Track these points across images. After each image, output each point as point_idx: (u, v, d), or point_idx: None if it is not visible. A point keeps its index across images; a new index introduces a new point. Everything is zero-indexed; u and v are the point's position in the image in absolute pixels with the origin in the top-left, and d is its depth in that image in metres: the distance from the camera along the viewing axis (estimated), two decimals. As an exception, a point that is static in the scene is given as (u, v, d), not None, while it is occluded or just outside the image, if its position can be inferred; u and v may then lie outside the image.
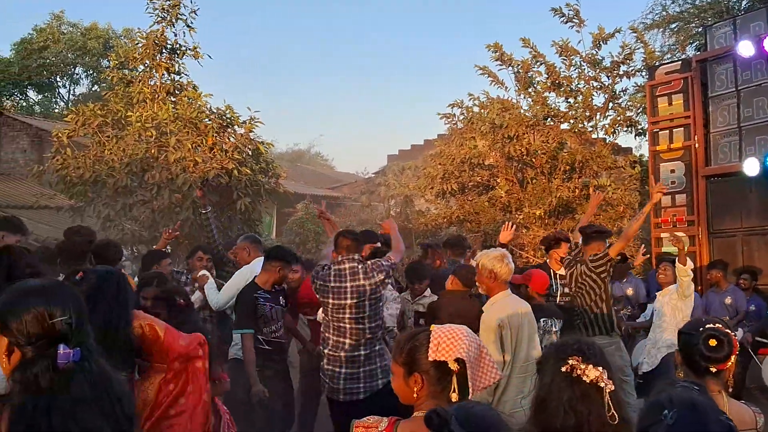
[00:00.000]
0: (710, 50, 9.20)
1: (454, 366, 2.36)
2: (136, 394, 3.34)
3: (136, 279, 5.29)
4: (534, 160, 12.42)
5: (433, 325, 2.50)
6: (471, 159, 12.94)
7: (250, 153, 10.34)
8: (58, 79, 25.13)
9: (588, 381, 2.35)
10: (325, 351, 4.96)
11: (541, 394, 2.42)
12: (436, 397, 2.37)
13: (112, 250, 5.56)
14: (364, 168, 42.65)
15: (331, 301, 4.88)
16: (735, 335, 2.95)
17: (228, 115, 10.19)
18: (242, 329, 5.23)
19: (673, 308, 6.32)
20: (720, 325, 2.90)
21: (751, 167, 8.23)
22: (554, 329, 5.39)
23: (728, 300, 7.61)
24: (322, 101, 78.39)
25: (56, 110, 24.38)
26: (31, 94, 25.34)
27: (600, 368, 2.38)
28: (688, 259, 6.26)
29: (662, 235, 9.26)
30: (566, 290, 6.27)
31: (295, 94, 78.89)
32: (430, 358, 2.36)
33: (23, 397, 1.86)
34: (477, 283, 4.90)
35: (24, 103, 24.94)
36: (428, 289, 6.17)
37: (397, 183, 17.04)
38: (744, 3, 13.95)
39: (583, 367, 2.37)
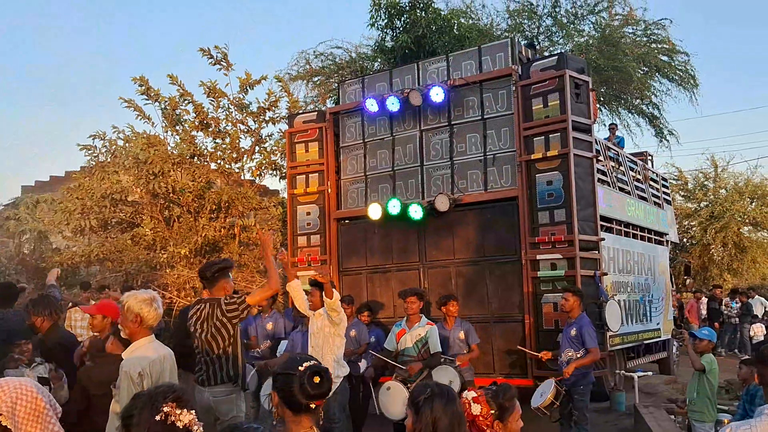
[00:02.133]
0: (342, 104, 10.01)
1: None
2: None
3: None
4: (180, 198, 12.18)
5: None
6: (113, 194, 12.22)
7: None
8: None
9: (182, 426, 2.26)
10: None
11: None
12: None
13: None
14: (-3, 199, 37.70)
15: None
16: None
17: None
18: None
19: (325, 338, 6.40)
20: (315, 362, 3.03)
21: (374, 211, 9.06)
22: None
23: (353, 333, 8.18)
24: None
25: None
26: None
27: (193, 411, 2.32)
28: (334, 291, 6.29)
29: (300, 273, 9.68)
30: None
31: None
32: None
33: None
34: (120, 326, 4.40)
35: None
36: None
37: (31, 217, 15.33)
38: (376, 65, 15.59)
39: (178, 412, 2.28)
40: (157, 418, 2.27)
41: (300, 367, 3.00)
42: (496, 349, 8.19)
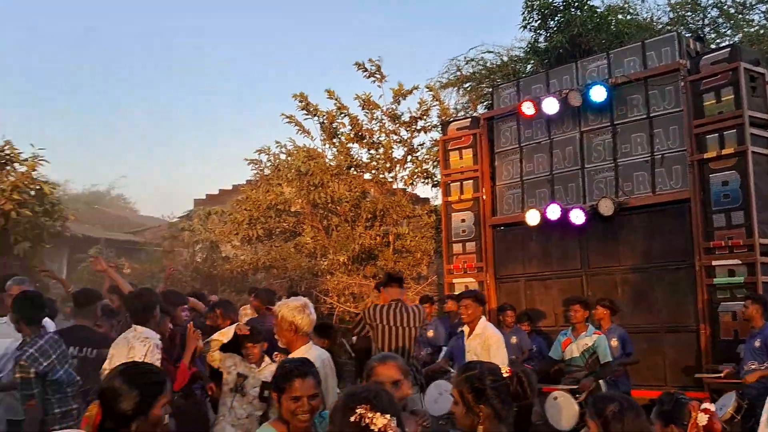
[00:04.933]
0: (496, 109, 9.93)
1: None
2: None
3: None
4: (338, 207, 12.63)
5: None
6: (277, 205, 12.92)
7: (33, 193, 9.49)
8: None
9: (377, 430, 2.32)
10: None
11: None
12: None
13: None
14: (170, 212, 40.97)
15: None
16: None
17: (7, 152, 9.30)
18: None
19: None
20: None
21: (532, 217, 8.90)
22: None
23: (514, 340, 8.08)
24: (125, 140, 74.49)
25: None
26: None
27: (388, 416, 2.36)
28: None
29: (454, 280, 9.71)
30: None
31: (95, 133, 74.34)
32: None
33: None
34: (277, 336, 4.58)
35: None
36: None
37: (203, 228, 16.52)
38: (529, 67, 15.36)
39: (371, 415, 2.34)
40: (352, 419, 2.36)
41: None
42: (669, 360, 7.75)
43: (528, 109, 8.98)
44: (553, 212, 8.58)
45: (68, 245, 12.97)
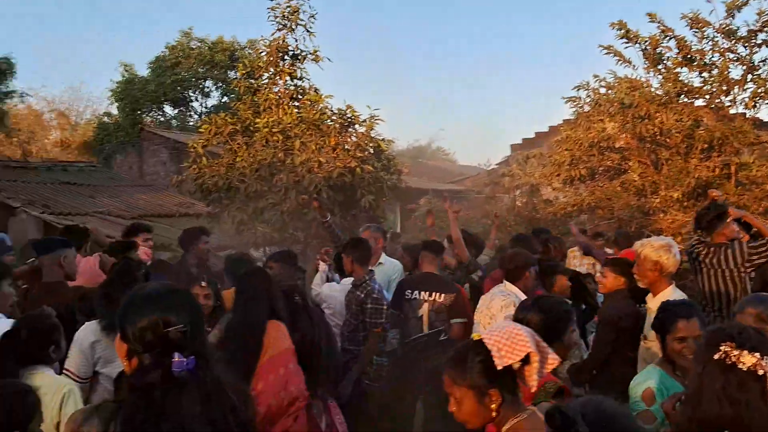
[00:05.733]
0: None
1: (517, 366, 2.26)
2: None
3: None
4: (668, 139, 11.78)
5: (477, 334, 2.40)
6: (600, 142, 12.49)
7: (372, 151, 10.49)
8: (190, 93, 26.55)
9: (745, 369, 2.17)
10: None
11: (694, 384, 2.27)
12: (515, 404, 2.27)
13: None
14: (487, 159, 42.14)
15: None
16: None
17: (349, 115, 10.40)
18: None
19: None
20: None
21: None
22: None
23: None
24: (440, 95, 78.30)
25: (191, 123, 25.80)
26: (167, 109, 26.93)
27: (758, 354, 2.19)
28: None
29: None
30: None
31: (414, 91, 79.29)
32: (499, 366, 2.23)
33: (135, 405, 1.87)
34: (636, 276, 4.52)
35: (161, 118, 26.58)
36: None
37: (522, 172, 16.70)
38: None
39: (736, 353, 2.20)
40: (715, 357, 2.22)
41: None
42: None
43: None
44: None
45: (399, 197, 14.07)
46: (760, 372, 2.14)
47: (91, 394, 3.67)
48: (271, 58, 10.68)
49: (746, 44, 11.93)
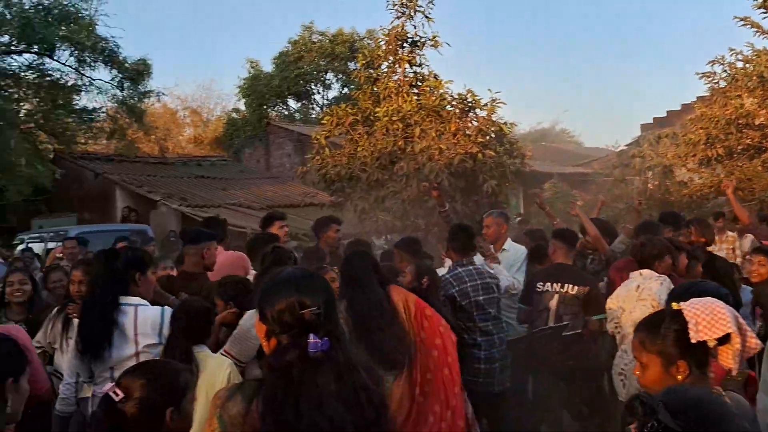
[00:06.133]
0: None
1: (713, 344, 2.15)
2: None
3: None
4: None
5: (677, 304, 2.30)
6: (738, 119, 11.73)
7: (493, 135, 10.35)
8: (312, 86, 27.27)
9: None
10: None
11: None
12: (702, 381, 2.17)
13: None
14: (615, 141, 40.53)
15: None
16: None
17: (469, 100, 10.30)
18: None
19: None
20: None
21: None
22: None
23: None
24: (564, 76, 75.90)
25: (313, 115, 26.52)
26: (291, 102, 27.82)
27: None
28: None
29: None
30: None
31: (536, 72, 77.37)
32: (693, 340, 2.17)
33: (274, 385, 1.95)
34: None
35: (286, 112, 27.49)
36: None
37: (654, 153, 15.94)
38: None
39: None
40: None
41: None
42: None
43: None
44: None
45: (522, 181, 13.80)
46: None
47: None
48: (390, 47, 10.76)
49: None
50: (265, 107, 25.67)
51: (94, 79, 17.95)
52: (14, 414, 2.25)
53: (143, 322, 3.68)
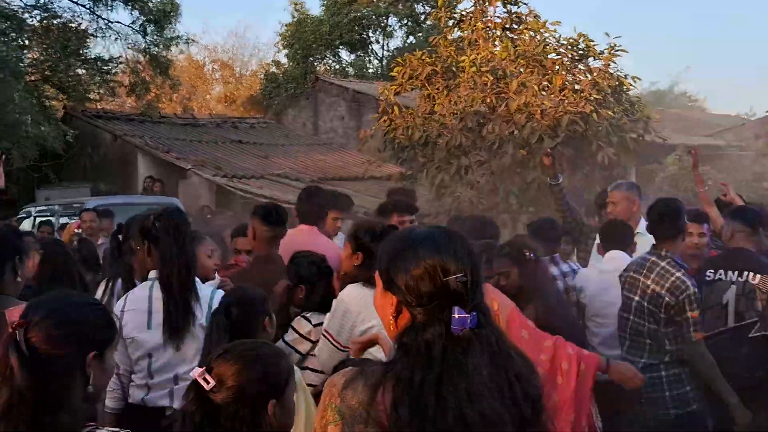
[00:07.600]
0: None
1: None
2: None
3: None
4: None
5: None
6: None
7: (610, 91, 10.06)
8: (370, 33, 27.15)
9: None
10: None
11: None
12: None
13: None
14: (750, 108, 39.33)
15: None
16: None
17: (582, 46, 10.04)
18: None
19: None
20: None
21: None
22: None
23: None
24: (687, 29, 73.66)
25: (370, 70, 26.41)
26: (344, 54, 27.75)
27: None
28: None
29: None
30: None
31: (652, 20, 75.34)
32: None
33: (410, 369, 1.85)
34: None
35: (337, 66, 27.45)
36: None
37: (806, 120, 15.44)
38: None
39: None
40: None
41: None
42: None
43: None
44: None
45: (634, 153, 13.42)
46: None
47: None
48: (478, -21, 10.63)
49: None
50: (312, 59, 25.71)
51: (111, 22, 18.17)
52: (96, 393, 2.24)
53: None
